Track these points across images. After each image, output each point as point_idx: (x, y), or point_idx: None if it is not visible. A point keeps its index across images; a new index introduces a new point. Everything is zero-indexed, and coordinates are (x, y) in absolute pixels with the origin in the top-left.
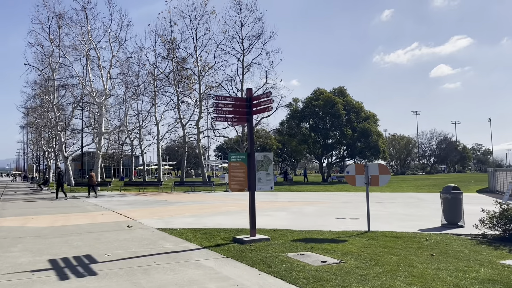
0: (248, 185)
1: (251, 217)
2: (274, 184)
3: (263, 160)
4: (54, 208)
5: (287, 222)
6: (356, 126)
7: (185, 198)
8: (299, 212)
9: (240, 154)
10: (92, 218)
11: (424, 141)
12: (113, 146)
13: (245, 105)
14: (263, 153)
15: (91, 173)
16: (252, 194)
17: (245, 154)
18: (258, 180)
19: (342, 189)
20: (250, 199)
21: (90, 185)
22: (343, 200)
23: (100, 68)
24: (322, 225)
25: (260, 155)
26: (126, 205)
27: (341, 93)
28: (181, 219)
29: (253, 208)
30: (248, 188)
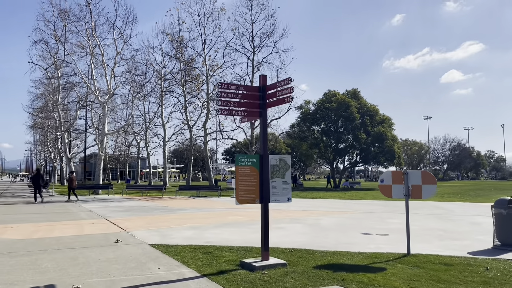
0: (260, 196)
1: (263, 236)
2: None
3: (278, 164)
4: (42, 214)
5: (304, 238)
6: (370, 130)
7: (189, 204)
8: (316, 225)
9: (250, 156)
10: (79, 228)
11: (437, 147)
12: (119, 148)
13: (258, 95)
14: (279, 156)
15: (72, 175)
16: (265, 207)
17: (256, 156)
18: (273, 190)
19: (357, 196)
20: (263, 214)
21: (71, 188)
22: (362, 209)
23: (104, 66)
24: (348, 243)
25: (275, 158)
26: (123, 212)
27: (355, 95)
28: (180, 232)
29: (266, 225)
30: (260, 199)
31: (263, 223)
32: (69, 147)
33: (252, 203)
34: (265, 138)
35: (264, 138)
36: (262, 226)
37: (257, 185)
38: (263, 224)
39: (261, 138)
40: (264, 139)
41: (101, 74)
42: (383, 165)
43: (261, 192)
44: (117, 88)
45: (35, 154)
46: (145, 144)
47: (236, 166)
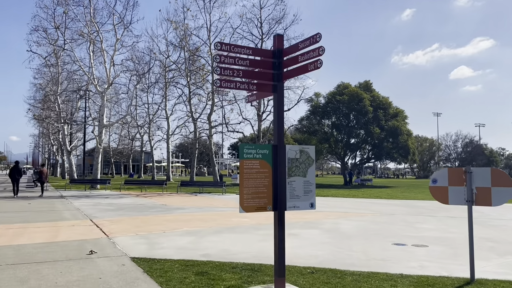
0: (273, 201)
1: (278, 257)
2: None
3: (299, 158)
4: (21, 213)
5: (325, 250)
6: (384, 124)
7: (190, 203)
8: (336, 231)
9: (260, 146)
10: (54, 233)
11: (448, 144)
12: (123, 141)
13: (271, 63)
14: (299, 146)
15: (42, 168)
16: (280, 217)
17: (268, 147)
18: (291, 192)
19: (371, 194)
20: (278, 227)
21: (41, 182)
22: (382, 211)
23: (103, 53)
24: (382, 259)
25: (294, 149)
26: (114, 211)
27: (367, 87)
28: (173, 239)
29: (281, 241)
30: (273, 206)
31: (277, 239)
32: (70, 139)
33: (262, 210)
34: (280, 123)
35: (279, 122)
36: (276, 243)
37: (270, 186)
38: (277, 240)
39: (276, 123)
40: (279, 124)
41: (100, 62)
42: (396, 161)
43: (275, 196)
44: (117, 77)
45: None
46: (149, 137)
47: (240, 161)
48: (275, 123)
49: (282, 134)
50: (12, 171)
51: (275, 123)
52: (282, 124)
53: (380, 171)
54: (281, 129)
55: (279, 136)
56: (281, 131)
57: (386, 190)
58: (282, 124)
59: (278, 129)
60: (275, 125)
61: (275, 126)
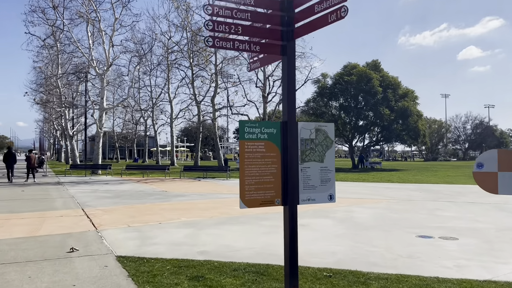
0: (283, 193)
1: (289, 261)
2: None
3: (314, 138)
4: (9, 201)
5: (342, 245)
6: (393, 105)
7: (192, 189)
8: (351, 220)
9: (265, 124)
10: (36, 226)
11: (458, 125)
12: (127, 126)
13: (279, 17)
14: (315, 124)
15: (30, 154)
16: (291, 213)
17: (276, 125)
18: (305, 182)
19: (382, 178)
20: (288, 225)
21: (29, 168)
22: (397, 196)
23: (101, 33)
24: (409, 256)
25: (309, 127)
26: (111, 198)
27: (376, 67)
28: (169, 232)
29: (293, 243)
30: (282, 199)
31: (288, 241)
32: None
33: (268, 205)
34: (291, 94)
35: (290, 94)
36: (287, 248)
37: (278, 174)
38: (288, 241)
39: (285, 94)
40: (290, 95)
41: (99, 43)
42: (406, 143)
43: (284, 187)
44: (116, 58)
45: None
46: (152, 121)
47: (240, 142)
48: (285, 94)
49: (294, 108)
50: (6, 156)
51: (284, 95)
52: (294, 96)
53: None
54: (292, 102)
55: (289, 111)
56: (292, 104)
57: (397, 174)
58: (293, 95)
59: (289, 102)
60: (285, 97)
61: (284, 98)
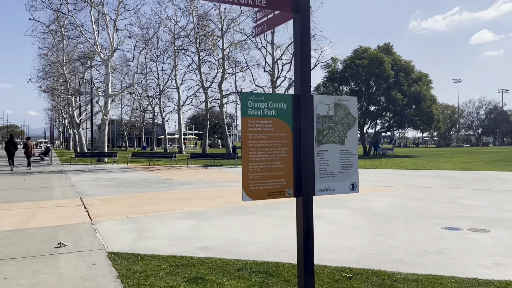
0: (295, 181)
1: (303, 265)
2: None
3: (333, 116)
4: (7, 190)
5: (361, 238)
6: (406, 89)
7: (198, 176)
8: (368, 211)
9: (274, 97)
10: (29, 217)
11: (471, 111)
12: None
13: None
14: (334, 97)
15: (28, 142)
16: (306, 205)
17: (287, 97)
18: (322, 168)
19: (396, 164)
20: (303, 220)
21: (27, 156)
22: (414, 183)
23: (105, 17)
24: (437, 251)
25: (326, 101)
26: (113, 187)
27: (388, 50)
28: (169, 224)
29: (308, 243)
30: (295, 189)
31: (302, 238)
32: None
33: (278, 196)
34: (305, 60)
35: (303, 60)
36: (301, 245)
37: (289, 159)
38: (302, 239)
39: (298, 62)
40: (303, 62)
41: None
42: (419, 129)
43: (297, 174)
44: (121, 43)
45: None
46: (160, 109)
47: (242, 120)
48: (297, 62)
49: (308, 79)
50: (8, 144)
51: (297, 62)
52: (308, 64)
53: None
54: (306, 71)
55: (303, 82)
56: (306, 74)
57: (410, 160)
58: (307, 63)
59: (302, 71)
60: (297, 65)
61: (297, 66)
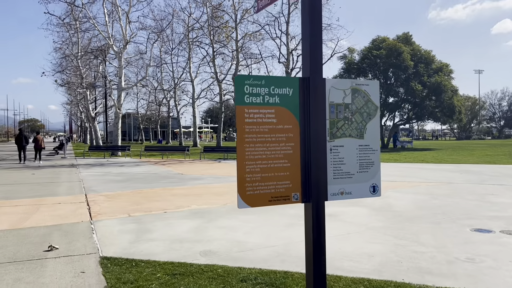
0: (303, 184)
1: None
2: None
3: (350, 103)
4: (12, 185)
5: (381, 242)
6: (426, 80)
7: (210, 171)
8: (388, 208)
9: (277, 81)
10: (26, 215)
11: (493, 102)
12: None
13: None
14: (351, 81)
15: (38, 136)
16: (317, 213)
17: (293, 81)
18: (337, 167)
19: (415, 158)
20: (312, 231)
21: (37, 149)
22: (436, 178)
23: (117, 8)
24: (469, 258)
25: (342, 86)
26: (121, 182)
27: (407, 40)
28: (172, 224)
29: (319, 263)
30: (303, 193)
31: (312, 252)
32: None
33: (282, 202)
34: (315, 34)
35: (313, 35)
36: (311, 260)
37: (296, 156)
38: (312, 253)
39: (307, 35)
40: (313, 38)
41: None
42: (440, 121)
43: (305, 175)
44: (134, 35)
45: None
46: (175, 102)
47: (237, 109)
48: (305, 33)
49: (320, 56)
50: (18, 138)
51: (305, 34)
52: (320, 39)
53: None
54: (316, 46)
55: (313, 61)
56: (317, 49)
57: (430, 153)
58: (319, 37)
59: (312, 47)
60: (306, 40)
61: (305, 41)
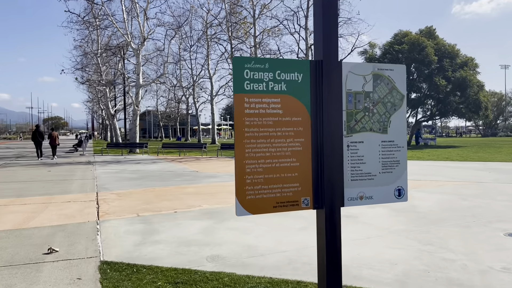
0: (315, 187)
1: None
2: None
3: (371, 92)
4: (26, 183)
5: (404, 248)
6: (450, 75)
7: (225, 168)
8: (412, 210)
9: (283, 65)
10: (33, 214)
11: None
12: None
13: None
14: (373, 65)
15: (53, 132)
16: (330, 221)
17: (304, 65)
18: (355, 167)
19: (439, 156)
20: (325, 243)
21: (52, 146)
22: (463, 177)
23: (135, 5)
24: (505, 268)
25: (361, 71)
26: (135, 180)
27: (430, 34)
28: (180, 225)
29: (335, 279)
30: (314, 198)
31: (325, 267)
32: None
33: (288, 208)
34: (329, 12)
35: (326, 12)
36: (323, 275)
37: (306, 154)
38: (325, 269)
39: (318, 8)
40: (326, 15)
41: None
42: (465, 117)
43: (317, 177)
44: (152, 32)
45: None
46: (193, 99)
47: (235, 97)
48: (318, 8)
49: (335, 36)
50: (34, 135)
51: (317, 11)
52: (335, 13)
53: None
54: (331, 24)
55: (327, 42)
56: (332, 29)
57: (455, 150)
58: (333, 12)
59: (326, 23)
60: (318, 14)
61: (317, 16)
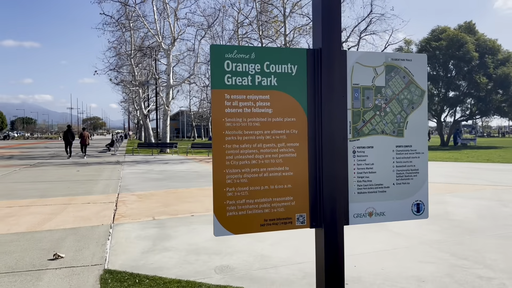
0: (312, 201)
1: None
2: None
3: (384, 87)
4: (52, 183)
5: (433, 261)
6: (491, 72)
7: None
8: (445, 217)
9: (273, 54)
10: (50, 216)
11: None
12: (203, 105)
13: None
14: (385, 55)
15: (84, 132)
16: (332, 243)
17: (300, 54)
18: (361, 177)
19: (479, 157)
20: (324, 270)
21: (83, 145)
22: (504, 180)
23: (165, 5)
24: None
25: (372, 62)
26: (159, 180)
27: (470, 30)
28: (194, 230)
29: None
30: (311, 214)
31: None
32: (148, 103)
33: (279, 227)
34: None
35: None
36: None
37: (302, 161)
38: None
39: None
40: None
41: (164, 17)
42: (507, 116)
43: (316, 189)
44: (182, 32)
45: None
46: None
47: (213, 93)
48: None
49: (338, 19)
50: (66, 134)
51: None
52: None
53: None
54: (333, 4)
55: (326, 25)
56: (334, 10)
57: (496, 152)
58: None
59: (324, 4)
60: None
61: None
